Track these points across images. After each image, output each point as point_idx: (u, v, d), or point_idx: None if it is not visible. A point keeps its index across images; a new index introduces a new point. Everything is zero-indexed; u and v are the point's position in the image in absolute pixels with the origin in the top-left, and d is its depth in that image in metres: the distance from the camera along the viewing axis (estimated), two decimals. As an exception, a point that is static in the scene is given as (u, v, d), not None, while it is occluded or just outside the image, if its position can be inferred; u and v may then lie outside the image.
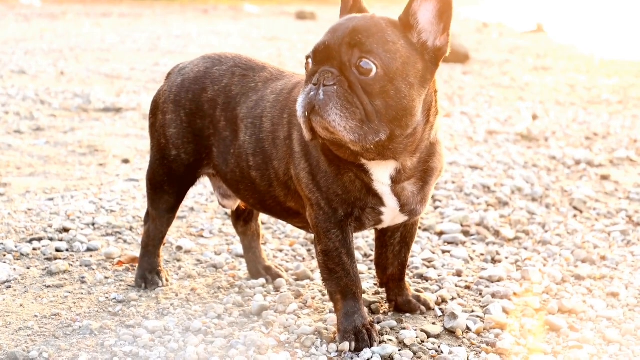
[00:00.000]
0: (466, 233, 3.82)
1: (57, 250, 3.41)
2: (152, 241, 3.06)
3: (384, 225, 2.62)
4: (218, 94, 2.81)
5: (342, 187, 2.46)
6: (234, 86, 2.80)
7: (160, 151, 2.93)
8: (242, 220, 3.20)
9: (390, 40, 2.28)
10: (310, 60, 2.33)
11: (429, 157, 2.50)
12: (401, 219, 2.58)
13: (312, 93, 2.24)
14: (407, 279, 3.18)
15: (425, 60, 2.33)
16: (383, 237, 2.81)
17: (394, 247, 2.82)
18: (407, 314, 2.85)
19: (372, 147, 2.27)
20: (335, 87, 2.23)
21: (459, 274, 3.28)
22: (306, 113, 2.24)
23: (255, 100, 2.72)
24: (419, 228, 3.84)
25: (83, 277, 3.13)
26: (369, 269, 3.30)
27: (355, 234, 2.76)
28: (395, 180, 2.46)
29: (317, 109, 2.22)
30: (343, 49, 2.25)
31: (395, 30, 2.31)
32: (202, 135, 2.84)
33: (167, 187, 2.95)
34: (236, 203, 3.07)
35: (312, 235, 2.90)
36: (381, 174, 2.44)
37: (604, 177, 5.08)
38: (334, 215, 2.49)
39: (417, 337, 2.63)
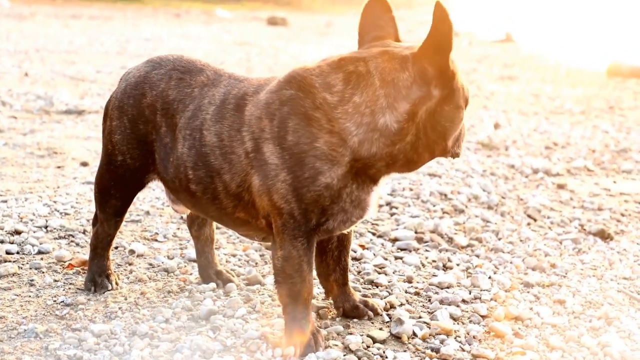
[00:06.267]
0: (420, 240, 3.85)
1: (8, 252, 3.38)
2: (101, 243, 3.05)
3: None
4: (156, 99, 2.80)
5: (335, 199, 2.46)
6: (171, 90, 2.79)
7: (108, 156, 2.93)
8: (197, 224, 3.19)
9: None
10: None
11: None
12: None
13: None
14: (357, 284, 3.21)
15: None
16: (320, 244, 2.82)
17: (332, 252, 2.84)
18: (355, 320, 2.86)
19: None
20: None
21: (409, 280, 3.30)
22: None
23: (192, 110, 2.69)
24: (374, 235, 3.87)
25: (32, 280, 3.11)
26: (321, 274, 3.31)
27: None
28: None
29: None
30: None
31: None
32: (146, 140, 2.83)
33: (113, 191, 2.95)
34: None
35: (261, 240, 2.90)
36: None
37: (560, 186, 5.15)
38: (306, 224, 2.49)
39: (362, 343, 2.65)
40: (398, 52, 2.45)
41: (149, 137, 2.83)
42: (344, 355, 2.54)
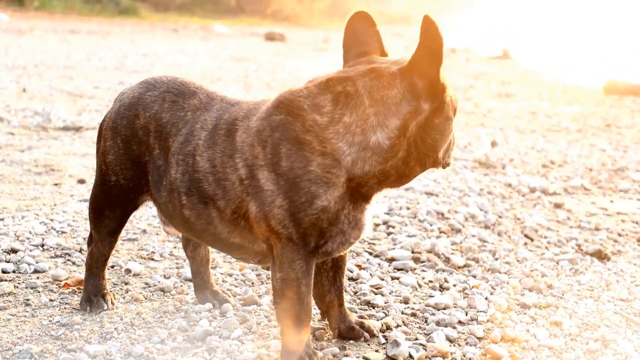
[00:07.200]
0: (417, 260, 3.84)
1: (4, 271, 3.38)
2: (96, 263, 3.05)
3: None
4: (149, 121, 2.80)
5: (333, 221, 2.47)
6: (164, 113, 2.79)
7: (102, 176, 2.94)
8: (192, 244, 3.19)
9: None
10: None
11: None
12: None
13: None
14: (354, 305, 3.20)
15: None
16: (315, 265, 2.81)
17: (327, 273, 2.84)
18: (351, 341, 2.86)
19: None
20: None
21: (406, 301, 3.29)
22: None
23: (185, 135, 2.69)
24: (371, 254, 3.87)
25: (28, 300, 3.11)
26: (317, 294, 3.30)
27: None
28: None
29: None
30: None
31: None
32: (139, 162, 2.84)
33: (107, 211, 2.95)
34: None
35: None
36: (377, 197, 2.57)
37: (557, 206, 5.16)
38: (304, 247, 2.49)
39: (358, 365, 2.64)
40: (385, 68, 2.44)
41: (142, 159, 2.83)
42: (340, 378, 2.54)
